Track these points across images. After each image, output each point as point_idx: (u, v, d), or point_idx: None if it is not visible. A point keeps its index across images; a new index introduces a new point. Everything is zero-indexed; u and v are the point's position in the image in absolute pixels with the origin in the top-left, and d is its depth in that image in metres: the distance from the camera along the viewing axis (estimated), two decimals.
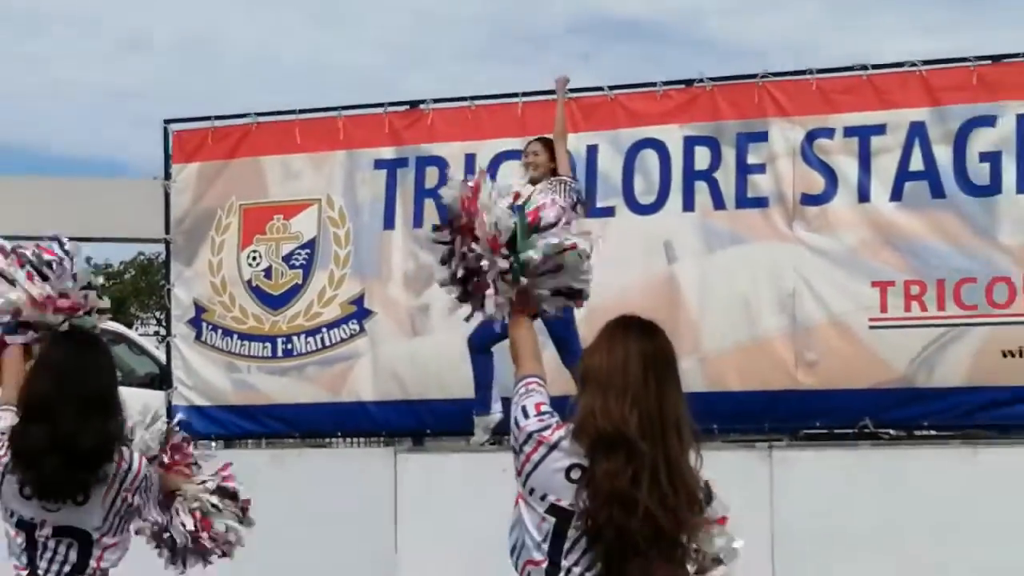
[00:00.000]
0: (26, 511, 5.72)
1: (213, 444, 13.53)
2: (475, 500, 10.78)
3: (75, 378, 5.85)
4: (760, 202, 12.66)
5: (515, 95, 13.63)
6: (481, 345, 11.18)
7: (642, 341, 4.51)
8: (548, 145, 11.47)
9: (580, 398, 4.32)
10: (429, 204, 13.39)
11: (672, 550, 4.23)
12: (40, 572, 5.78)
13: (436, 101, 13.87)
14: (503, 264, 5.11)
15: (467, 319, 5.88)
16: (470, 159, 13.19)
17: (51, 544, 5.78)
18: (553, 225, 5.29)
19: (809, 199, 12.41)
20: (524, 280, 5.20)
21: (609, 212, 12.51)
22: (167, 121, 14.99)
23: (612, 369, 4.38)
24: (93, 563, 5.84)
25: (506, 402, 9.31)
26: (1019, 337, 11.79)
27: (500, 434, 11.57)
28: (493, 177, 5.78)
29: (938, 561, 9.89)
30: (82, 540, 5.75)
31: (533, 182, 10.85)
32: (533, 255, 5.19)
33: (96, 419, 5.70)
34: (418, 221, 13.47)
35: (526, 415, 4.38)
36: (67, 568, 5.76)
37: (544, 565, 4.25)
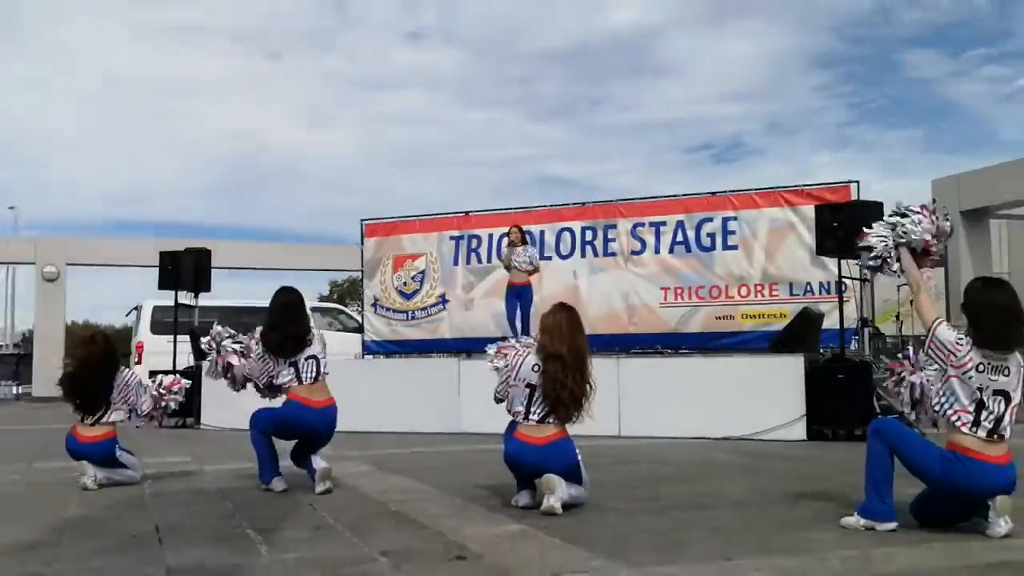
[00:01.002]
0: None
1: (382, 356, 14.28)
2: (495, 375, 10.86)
3: (288, 307, 6.10)
4: (614, 255, 13.02)
5: (511, 209, 14.02)
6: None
7: (568, 312, 5.23)
8: (520, 229, 11.45)
9: (540, 338, 5.11)
10: (472, 256, 13.99)
11: (580, 406, 5.01)
12: (302, 376, 5.89)
13: (477, 211, 14.25)
14: None
15: None
16: (491, 237, 13.53)
17: (306, 365, 5.93)
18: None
19: (634, 253, 12.83)
20: None
21: (548, 259, 12.68)
22: (362, 219, 15.13)
23: (554, 325, 5.10)
24: (324, 369, 6.01)
25: None
26: (723, 311, 12.33)
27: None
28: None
29: (685, 405, 9.61)
30: None
31: (512, 245, 11.11)
32: None
33: (298, 323, 6.06)
34: (468, 262, 13.92)
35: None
36: (314, 373, 5.92)
37: (522, 411, 4.99)
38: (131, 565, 3.71)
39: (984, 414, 4.07)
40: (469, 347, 12.48)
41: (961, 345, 4.14)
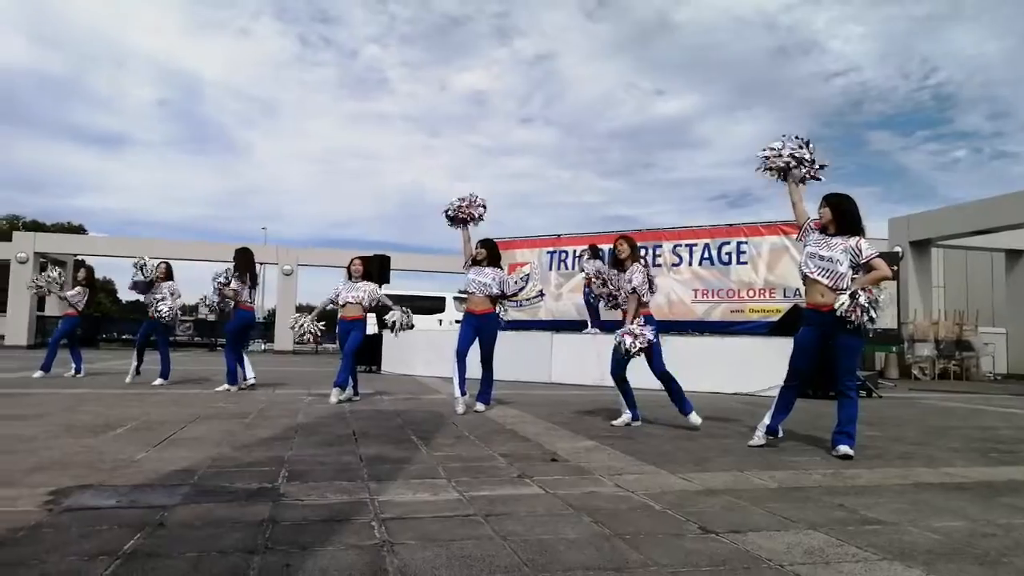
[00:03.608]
0: None
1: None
2: (577, 343, 10.70)
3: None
4: (659, 266, 12.10)
5: (587, 234, 13.23)
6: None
7: None
8: (595, 246, 10.98)
9: None
10: (561, 265, 13.39)
11: None
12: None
13: (565, 234, 13.63)
14: None
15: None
16: (574, 252, 13.10)
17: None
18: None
19: (674, 265, 12.21)
20: None
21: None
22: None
23: None
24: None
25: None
26: (736, 306, 11.68)
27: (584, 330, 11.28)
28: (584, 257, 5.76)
29: (709, 369, 9.30)
30: None
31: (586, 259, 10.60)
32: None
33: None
34: (559, 268, 13.44)
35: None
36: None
37: None
38: (337, 453, 3.81)
39: None
40: (558, 326, 12.26)
41: None
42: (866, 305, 3.88)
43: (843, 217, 4.11)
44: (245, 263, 7.66)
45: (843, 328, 3.99)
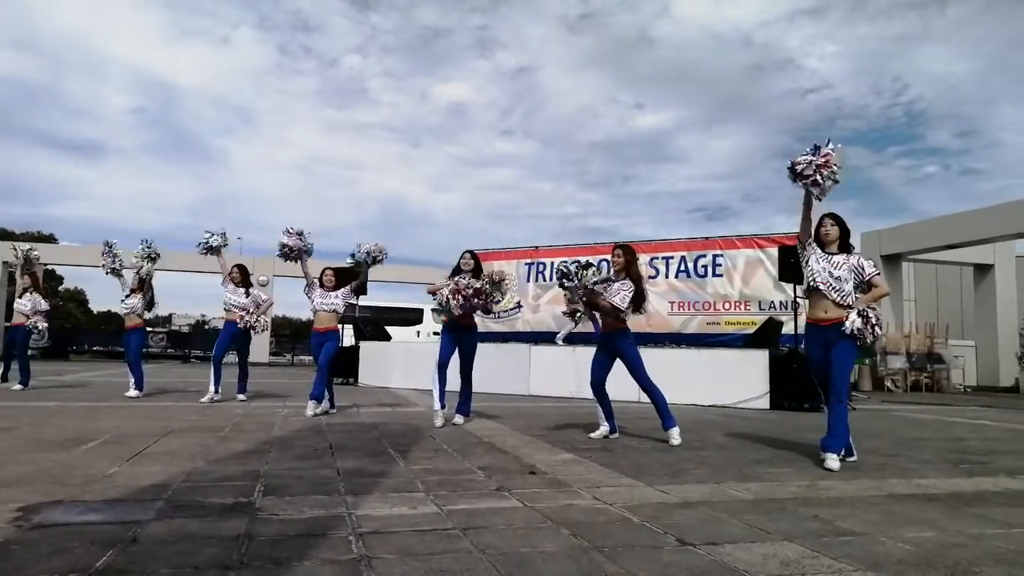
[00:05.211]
0: None
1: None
2: (555, 356, 10.67)
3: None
4: None
5: (566, 245, 13.25)
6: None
7: None
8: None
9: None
10: (539, 276, 13.32)
11: None
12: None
13: (543, 246, 13.60)
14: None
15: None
16: (552, 263, 13.00)
17: None
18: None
19: (651, 277, 12.08)
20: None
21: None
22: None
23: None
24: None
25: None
26: (712, 318, 11.71)
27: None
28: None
29: (685, 382, 9.28)
30: None
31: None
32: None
33: None
34: (536, 280, 13.35)
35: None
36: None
37: None
38: (314, 467, 3.78)
39: None
40: (536, 338, 12.22)
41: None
42: (875, 322, 4.15)
43: (845, 237, 4.44)
44: (247, 278, 8.30)
45: (843, 336, 4.20)
